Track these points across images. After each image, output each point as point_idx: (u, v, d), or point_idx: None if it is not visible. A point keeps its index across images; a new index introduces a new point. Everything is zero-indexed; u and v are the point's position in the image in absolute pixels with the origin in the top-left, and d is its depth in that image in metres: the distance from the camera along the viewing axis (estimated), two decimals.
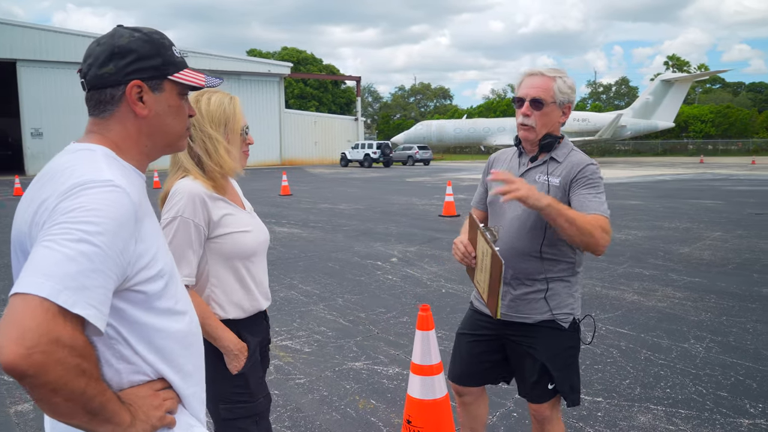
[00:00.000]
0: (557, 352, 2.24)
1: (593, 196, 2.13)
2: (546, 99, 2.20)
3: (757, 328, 4.93)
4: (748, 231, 10.09)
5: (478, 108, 73.34)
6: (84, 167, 1.11)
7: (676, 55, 74.48)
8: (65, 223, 0.99)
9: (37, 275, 0.93)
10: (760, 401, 3.54)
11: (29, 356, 0.88)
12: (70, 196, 1.04)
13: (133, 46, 1.21)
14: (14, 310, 0.91)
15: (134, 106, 1.21)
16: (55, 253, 0.95)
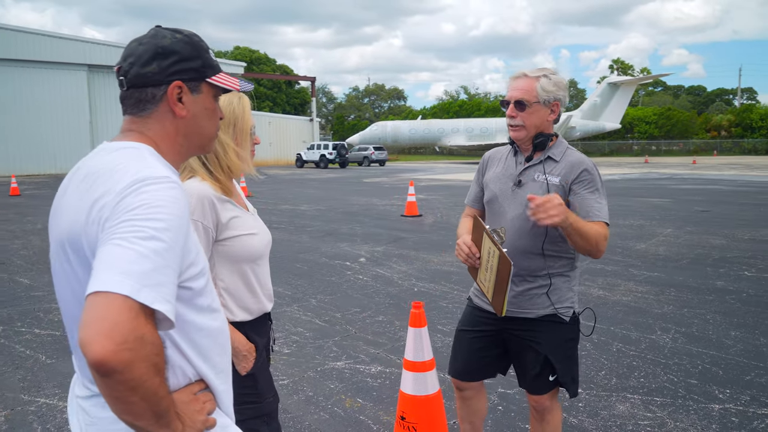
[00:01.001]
0: (559, 345, 2.31)
1: (596, 201, 2.21)
2: (528, 99, 2.27)
3: (716, 318, 5.18)
4: (696, 227, 10.58)
5: (432, 109, 74.08)
6: (136, 164, 1.11)
7: (620, 59, 77.18)
8: (133, 221, 0.99)
9: (114, 273, 0.93)
10: (727, 387, 3.74)
11: (118, 352, 0.88)
12: (132, 192, 1.03)
13: (176, 47, 1.22)
14: (98, 307, 0.90)
15: (174, 106, 1.23)
16: (129, 251, 0.95)
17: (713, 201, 14.99)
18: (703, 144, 58.84)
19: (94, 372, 0.89)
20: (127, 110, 1.25)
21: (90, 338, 0.88)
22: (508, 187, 2.37)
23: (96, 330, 0.88)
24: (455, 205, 15.00)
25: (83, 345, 0.88)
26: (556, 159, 2.30)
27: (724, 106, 75.42)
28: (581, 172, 2.24)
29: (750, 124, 58.13)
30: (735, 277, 6.77)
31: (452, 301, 5.86)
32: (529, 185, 2.30)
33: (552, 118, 2.32)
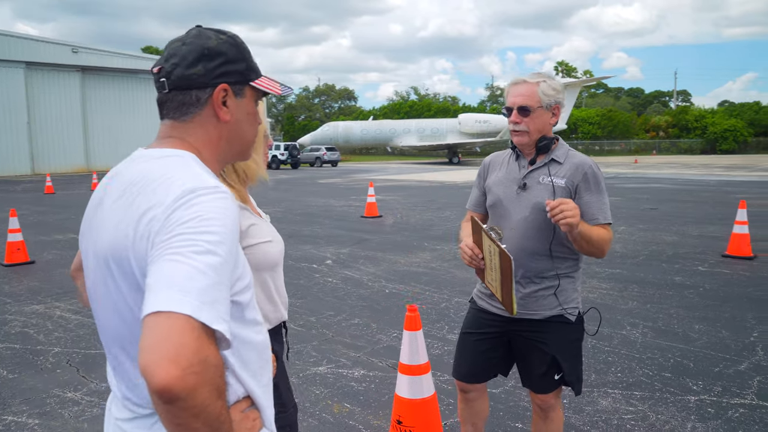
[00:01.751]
0: (566, 345, 2.36)
1: (600, 202, 2.29)
2: (532, 105, 2.30)
3: (679, 313, 5.40)
4: (647, 225, 11.00)
5: (383, 109, 74.30)
6: (182, 174, 1.05)
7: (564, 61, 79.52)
8: (186, 234, 0.94)
9: (173, 291, 0.87)
10: (699, 379, 3.90)
11: (184, 377, 0.82)
12: (183, 204, 0.98)
13: (221, 48, 1.17)
14: (159, 329, 0.84)
15: (219, 110, 1.17)
16: (185, 267, 0.90)
17: (659, 199, 15.63)
18: (643, 144, 61.30)
19: (156, 398, 0.83)
20: (168, 114, 1.18)
21: (154, 363, 0.82)
22: (512, 191, 2.39)
23: (160, 354, 0.82)
24: (414, 205, 15.09)
25: (146, 370, 0.82)
26: (560, 161, 2.34)
27: (662, 108, 78.83)
28: (585, 173, 2.30)
29: (686, 125, 60.97)
30: (690, 272, 7.08)
31: (425, 302, 5.89)
32: (534, 188, 2.33)
33: (554, 121, 2.36)
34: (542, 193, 2.30)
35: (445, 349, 4.54)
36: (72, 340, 4.86)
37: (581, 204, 2.26)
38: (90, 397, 3.77)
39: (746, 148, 58.24)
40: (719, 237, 9.41)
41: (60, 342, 4.82)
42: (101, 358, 4.44)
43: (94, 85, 34.41)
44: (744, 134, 57.46)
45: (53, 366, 4.31)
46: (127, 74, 35.44)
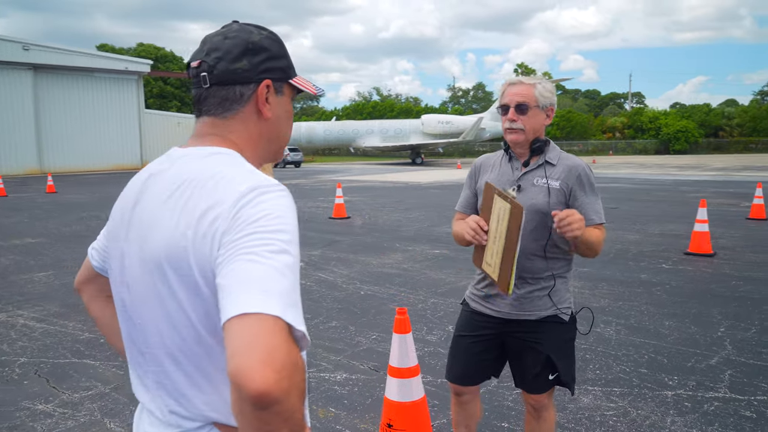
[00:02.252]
0: (560, 345, 2.39)
1: (595, 203, 2.33)
2: (529, 103, 2.33)
3: (649, 309, 5.55)
4: (611, 224, 11.27)
5: (345, 110, 74.13)
6: (238, 171, 1.02)
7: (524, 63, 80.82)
8: (259, 233, 0.91)
9: (257, 292, 0.84)
10: (674, 374, 4.01)
11: (279, 381, 0.79)
12: (250, 202, 0.95)
13: (265, 43, 1.14)
14: (250, 331, 0.81)
15: (263, 107, 1.14)
16: (265, 267, 0.87)
17: (618, 198, 16.06)
18: (600, 144, 62.90)
19: (249, 405, 0.80)
20: (208, 110, 1.13)
21: (248, 367, 0.78)
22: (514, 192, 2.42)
23: (254, 357, 0.79)
24: (382, 206, 15.10)
25: (239, 375, 0.78)
26: (553, 163, 2.36)
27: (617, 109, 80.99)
28: (579, 175, 2.33)
29: (640, 126, 62.86)
30: (655, 270, 7.28)
31: (401, 304, 5.88)
32: (529, 190, 2.35)
33: (547, 122, 2.39)
34: (537, 194, 2.32)
35: (425, 351, 4.54)
36: (39, 350, 4.68)
37: (577, 206, 2.30)
38: (63, 409, 3.63)
39: (697, 149, 60.43)
40: (680, 235, 9.72)
41: (26, 352, 4.64)
42: (71, 367, 4.29)
43: (47, 84, 33.21)
44: (695, 135, 59.60)
45: (20, 377, 4.14)
46: (82, 73, 34.37)
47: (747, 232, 10.05)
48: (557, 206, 2.29)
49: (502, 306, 2.41)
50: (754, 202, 11.94)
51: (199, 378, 1.04)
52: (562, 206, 2.29)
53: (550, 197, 2.29)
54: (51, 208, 14.86)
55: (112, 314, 1.29)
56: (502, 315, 2.42)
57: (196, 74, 1.13)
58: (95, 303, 1.33)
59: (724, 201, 15.10)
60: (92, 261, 1.28)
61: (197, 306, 0.99)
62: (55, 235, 10.52)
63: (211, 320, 0.99)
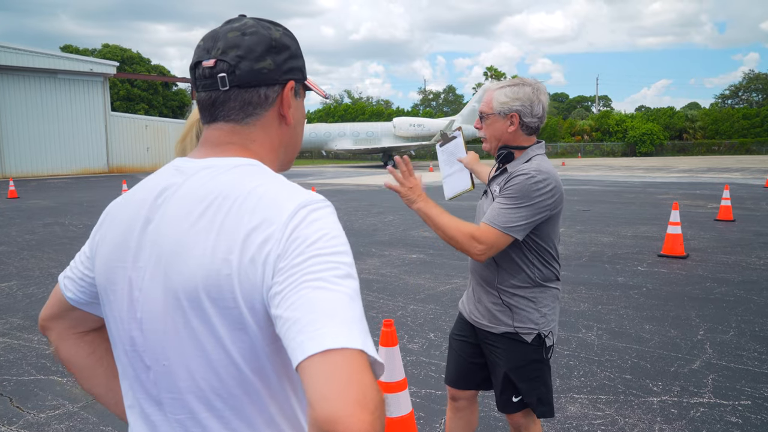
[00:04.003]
0: (521, 365, 2.27)
1: (500, 206, 2.14)
2: (485, 111, 2.29)
3: (628, 313, 5.56)
4: (584, 226, 11.37)
5: (317, 113, 73.79)
6: (277, 186, 0.92)
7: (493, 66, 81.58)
8: (321, 256, 0.82)
9: (336, 324, 0.76)
10: (658, 380, 4.00)
11: (374, 422, 0.70)
12: (303, 221, 0.86)
13: (285, 41, 1.02)
14: (338, 369, 0.72)
15: (287, 111, 1.02)
16: (338, 295, 0.79)
17: (590, 201, 16.24)
18: (569, 147, 63.83)
19: None
20: (227, 116, 0.99)
21: (346, 414, 0.69)
22: (480, 196, 2.46)
23: (349, 400, 0.70)
24: (355, 210, 14.98)
25: (335, 423, 0.69)
26: (509, 170, 2.27)
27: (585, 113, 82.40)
28: (513, 178, 2.17)
29: (608, 129, 63.99)
30: (631, 272, 7.33)
31: (381, 311, 5.78)
32: (487, 196, 2.37)
33: (512, 129, 2.25)
34: (487, 204, 2.33)
35: (407, 360, 4.45)
36: (1, 366, 4.44)
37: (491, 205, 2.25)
38: (28, 431, 3.43)
39: (662, 151, 61.80)
40: (652, 237, 9.84)
41: None
42: (36, 385, 4.07)
43: (8, 86, 32.17)
44: (660, 137, 60.93)
45: None
46: (45, 74, 33.42)
47: (716, 234, 10.23)
48: None
49: (475, 312, 2.38)
50: (722, 204, 12.18)
51: (238, 423, 0.91)
52: None
53: None
54: (13, 215, 14.34)
55: (87, 353, 1.14)
56: (473, 322, 2.40)
57: (210, 75, 0.98)
58: (65, 343, 1.15)
59: (692, 202, 15.39)
60: (66, 293, 1.10)
61: (241, 342, 0.87)
62: (18, 243, 10.12)
63: (257, 358, 0.88)
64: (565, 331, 5.04)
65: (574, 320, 5.35)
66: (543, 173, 2.15)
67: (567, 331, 5.04)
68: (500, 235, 2.11)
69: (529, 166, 2.20)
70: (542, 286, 2.27)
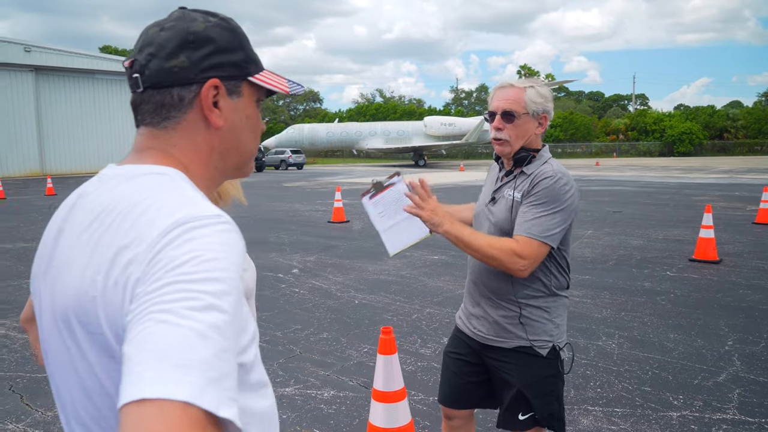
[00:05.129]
0: (536, 380, 2.13)
1: (533, 214, 2.01)
2: (517, 110, 2.11)
3: (653, 321, 5.34)
4: (614, 228, 11.05)
5: (349, 112, 74.01)
6: (170, 198, 0.80)
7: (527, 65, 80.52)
8: (181, 283, 0.69)
9: (165, 368, 0.62)
10: (680, 393, 3.80)
11: None
12: (174, 241, 0.73)
13: (211, 33, 0.92)
14: (145, 422, 0.59)
15: (209, 113, 0.92)
16: (181, 330, 0.65)
17: (622, 202, 15.82)
18: (604, 146, 62.54)
19: None
20: (144, 119, 0.93)
21: None
22: (485, 203, 2.26)
23: None
24: None
25: None
26: (527, 173, 2.13)
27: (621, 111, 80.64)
28: (537, 183, 2.05)
29: (644, 128, 62.47)
30: (659, 277, 7.06)
31: (396, 314, 5.69)
32: (499, 202, 2.18)
33: (540, 131, 2.17)
34: (502, 208, 2.14)
35: (418, 366, 4.35)
36: (17, 363, 4.50)
37: (519, 212, 2.06)
38: (34, 429, 3.45)
39: (701, 151, 60.02)
40: (684, 240, 9.50)
41: (3, 365, 4.45)
42: (47, 383, 4.10)
43: (48, 86, 33.12)
44: (699, 137, 59.19)
45: None
46: (84, 75, 34.29)
47: (754, 238, 9.81)
48: None
49: (480, 328, 2.22)
50: (760, 207, 11.70)
51: None
52: None
53: (512, 212, 2.09)
54: (49, 212, 14.71)
55: None
56: (477, 338, 2.24)
57: (129, 75, 0.92)
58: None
59: (730, 205, 14.84)
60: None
61: (111, 371, 0.77)
62: None
63: None
64: (584, 338, 4.86)
65: (595, 327, 5.16)
66: (566, 175, 2.08)
67: (586, 338, 4.86)
68: (541, 245, 1.99)
69: (549, 168, 2.10)
70: (555, 296, 2.17)
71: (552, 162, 2.16)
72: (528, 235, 1.98)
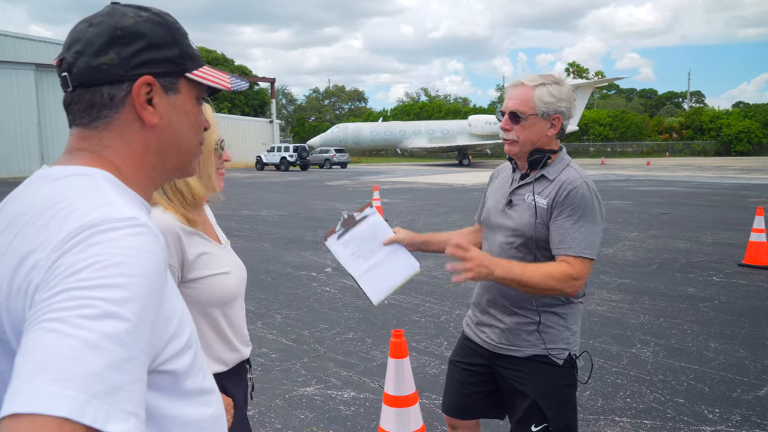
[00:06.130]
0: (551, 390, 2.04)
1: (574, 229, 1.92)
2: (524, 111, 2.00)
3: (693, 329, 5.09)
4: (660, 231, 10.65)
5: (393, 111, 74.06)
6: (86, 200, 0.77)
7: (576, 62, 78.71)
8: (77, 290, 0.66)
9: (46, 381, 0.59)
10: (716, 406, 3.60)
11: None
12: (77, 245, 0.70)
13: (141, 28, 0.88)
14: None
15: (142, 111, 0.88)
16: (69, 340, 0.62)
17: (671, 203, 15.24)
18: (656, 146, 60.54)
19: None
20: (74, 120, 0.90)
21: None
22: (500, 206, 2.14)
23: None
24: (421, 209, 14.82)
25: None
26: (549, 178, 2.03)
27: (675, 109, 77.91)
28: (569, 192, 1.95)
29: (700, 127, 60.13)
30: (705, 282, 6.75)
31: (425, 315, 5.62)
32: (518, 207, 2.06)
33: (552, 132, 2.06)
34: (524, 213, 2.03)
35: (442, 369, 4.27)
36: None
37: (553, 227, 1.95)
38: None
39: (761, 150, 57.32)
40: (735, 244, 9.05)
41: None
42: None
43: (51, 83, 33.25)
44: (759, 136, 56.59)
45: None
46: None
47: None
48: (542, 228, 1.99)
49: (490, 335, 2.13)
50: None
51: None
52: (546, 228, 1.99)
53: (536, 217, 1.99)
54: None
55: None
56: (488, 346, 2.14)
57: (59, 74, 0.90)
58: None
59: None
60: None
61: None
62: None
63: None
64: (617, 345, 4.68)
65: (630, 333, 4.96)
66: (590, 180, 2.02)
67: (620, 345, 4.68)
68: (589, 263, 1.93)
69: (575, 174, 2.02)
70: (572, 302, 2.08)
71: (573, 166, 2.07)
72: (578, 255, 1.90)
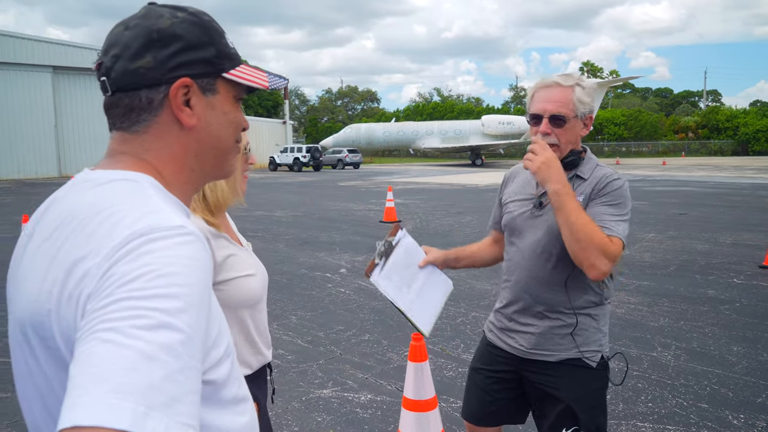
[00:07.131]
0: (584, 393, 2.00)
1: (611, 215, 1.89)
2: (566, 114, 1.94)
3: (714, 332, 5.01)
4: (678, 231, 10.51)
5: (406, 111, 74.00)
6: (133, 207, 0.76)
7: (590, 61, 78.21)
8: (130, 300, 0.65)
9: (103, 392, 0.58)
10: (741, 411, 3.53)
11: None
12: (129, 254, 0.69)
13: (178, 30, 0.86)
14: None
15: (180, 113, 0.86)
16: (125, 351, 0.60)
17: (688, 203, 15.05)
18: (672, 145, 59.91)
19: None
20: (115, 124, 0.88)
21: None
22: (527, 209, 2.08)
23: None
24: (434, 209, 14.77)
25: None
26: (584, 177, 2.00)
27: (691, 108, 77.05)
28: (607, 184, 1.94)
29: (716, 126, 59.41)
30: (725, 284, 6.64)
31: (440, 317, 5.56)
32: (551, 208, 2.02)
33: (584, 133, 2.02)
34: None
35: (459, 372, 4.23)
36: None
37: (590, 211, 1.91)
38: None
39: None
40: (755, 245, 8.91)
41: None
42: None
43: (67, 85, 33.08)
44: None
45: None
46: None
47: None
48: None
49: (520, 341, 2.09)
50: None
51: None
52: None
53: None
54: None
55: None
56: (518, 352, 2.09)
57: (98, 78, 0.88)
58: None
59: None
60: None
61: None
62: None
63: None
64: (637, 348, 4.61)
65: (650, 337, 4.88)
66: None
67: (640, 348, 4.61)
68: (621, 249, 1.86)
69: (609, 170, 2.02)
70: (603, 304, 2.05)
71: (603, 165, 2.06)
72: (616, 235, 1.84)
